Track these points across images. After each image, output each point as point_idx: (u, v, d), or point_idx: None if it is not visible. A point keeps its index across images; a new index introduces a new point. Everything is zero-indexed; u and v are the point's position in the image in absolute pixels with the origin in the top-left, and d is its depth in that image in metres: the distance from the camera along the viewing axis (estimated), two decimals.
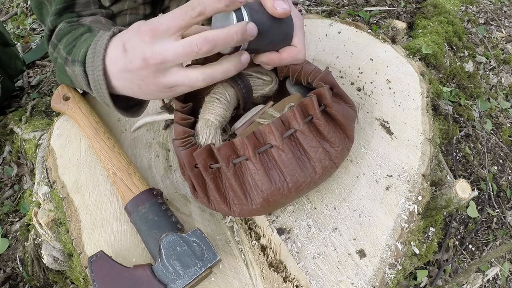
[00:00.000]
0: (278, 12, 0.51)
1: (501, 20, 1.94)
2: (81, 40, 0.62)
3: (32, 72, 1.66)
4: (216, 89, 0.63)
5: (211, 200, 0.56)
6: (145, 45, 0.48)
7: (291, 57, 0.57)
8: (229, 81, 0.64)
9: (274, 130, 0.52)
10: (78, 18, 0.69)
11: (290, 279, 0.56)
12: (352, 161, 0.65)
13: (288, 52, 0.57)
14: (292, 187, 0.53)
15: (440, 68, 1.52)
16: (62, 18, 0.68)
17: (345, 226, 0.59)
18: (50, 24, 0.68)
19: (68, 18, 0.68)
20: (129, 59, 0.50)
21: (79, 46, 0.60)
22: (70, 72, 0.63)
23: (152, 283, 0.51)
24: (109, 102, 0.56)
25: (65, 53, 0.64)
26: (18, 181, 1.28)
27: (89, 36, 0.62)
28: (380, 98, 0.74)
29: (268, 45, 0.55)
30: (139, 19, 1.08)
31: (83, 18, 0.69)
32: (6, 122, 1.38)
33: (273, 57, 0.57)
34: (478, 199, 1.27)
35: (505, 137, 1.45)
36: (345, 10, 1.88)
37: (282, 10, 0.51)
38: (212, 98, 0.62)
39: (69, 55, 0.63)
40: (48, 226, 0.68)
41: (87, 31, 0.64)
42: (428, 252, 0.87)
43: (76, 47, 0.61)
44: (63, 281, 1.00)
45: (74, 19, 0.69)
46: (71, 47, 0.63)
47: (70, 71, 0.63)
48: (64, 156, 0.71)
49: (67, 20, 0.68)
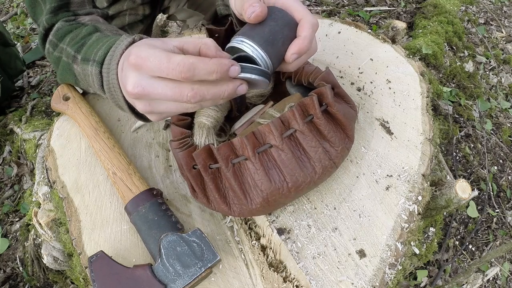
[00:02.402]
0: (251, 19, 0.50)
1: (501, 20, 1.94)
2: (91, 38, 0.62)
3: (32, 72, 1.66)
4: None
5: (210, 200, 0.56)
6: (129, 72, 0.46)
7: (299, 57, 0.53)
8: None
9: (273, 129, 0.52)
10: (74, 17, 0.69)
11: (290, 279, 0.56)
12: (352, 161, 0.65)
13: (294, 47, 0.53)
14: (291, 187, 0.53)
15: (440, 68, 1.52)
16: (58, 17, 0.68)
17: (345, 226, 0.59)
18: (46, 22, 0.68)
19: (65, 17, 0.68)
20: (121, 78, 0.49)
21: (93, 45, 0.60)
22: (79, 70, 0.63)
23: (152, 283, 0.51)
24: (123, 105, 0.56)
25: (73, 51, 0.63)
26: (18, 181, 1.28)
27: (102, 37, 0.61)
28: (380, 98, 0.74)
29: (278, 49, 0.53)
30: (138, 20, 1.08)
31: (80, 17, 0.69)
32: (6, 122, 1.38)
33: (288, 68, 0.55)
34: (478, 199, 1.27)
35: (505, 137, 1.45)
36: (345, 10, 1.88)
37: (253, 15, 0.50)
38: None
39: (78, 53, 0.62)
40: (48, 226, 0.68)
41: (94, 30, 0.64)
42: (428, 252, 0.87)
43: (88, 46, 0.61)
44: (63, 281, 1.00)
45: (71, 18, 0.68)
46: (79, 45, 0.63)
47: (78, 69, 0.63)
48: (64, 156, 0.71)
49: (64, 19, 0.68)
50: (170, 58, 0.42)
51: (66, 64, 0.65)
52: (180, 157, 0.55)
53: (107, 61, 0.55)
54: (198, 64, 0.42)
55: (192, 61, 0.42)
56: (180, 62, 0.42)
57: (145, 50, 0.44)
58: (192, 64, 0.42)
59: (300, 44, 0.51)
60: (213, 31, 0.70)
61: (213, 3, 1.13)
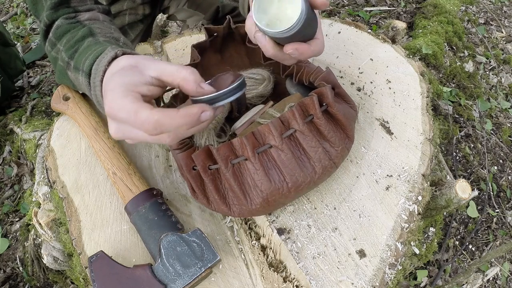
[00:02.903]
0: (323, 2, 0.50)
1: (501, 20, 1.94)
2: (83, 45, 0.62)
3: (32, 72, 1.66)
4: None
5: (210, 201, 0.56)
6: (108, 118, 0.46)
7: (318, 48, 0.55)
8: None
9: (273, 130, 0.52)
10: (75, 14, 0.68)
11: (290, 279, 0.56)
12: (352, 161, 0.65)
13: (315, 44, 0.54)
14: (291, 187, 0.53)
15: (440, 68, 1.52)
16: (59, 13, 0.67)
17: (345, 226, 0.59)
18: (46, 19, 0.68)
19: (65, 14, 0.68)
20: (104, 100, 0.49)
21: (83, 53, 0.60)
22: (73, 77, 0.63)
23: (152, 283, 0.51)
24: None
25: (67, 57, 0.63)
26: (18, 181, 1.28)
27: (92, 43, 0.61)
28: (380, 98, 0.74)
29: (302, 36, 0.53)
30: (138, 20, 1.08)
31: (81, 15, 0.69)
32: (6, 122, 1.38)
33: (304, 49, 0.54)
34: (478, 199, 1.27)
35: (505, 137, 1.45)
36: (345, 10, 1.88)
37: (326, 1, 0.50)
38: None
39: (71, 59, 0.62)
40: (48, 226, 0.68)
41: (88, 34, 0.64)
42: (428, 252, 0.87)
43: (79, 53, 0.61)
44: (63, 281, 1.00)
45: (72, 15, 0.68)
46: (73, 51, 0.62)
47: (72, 76, 0.63)
48: (64, 156, 0.71)
49: (64, 16, 0.67)
50: (137, 114, 0.42)
51: (62, 69, 0.65)
52: (180, 158, 0.55)
53: (92, 74, 0.55)
54: (164, 121, 0.41)
55: (157, 118, 0.41)
56: (145, 121, 0.41)
57: (116, 100, 0.43)
58: (157, 121, 0.41)
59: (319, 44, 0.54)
60: (212, 30, 0.70)
61: (213, 3, 1.14)
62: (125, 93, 0.43)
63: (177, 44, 0.88)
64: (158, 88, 0.47)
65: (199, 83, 0.45)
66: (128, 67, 0.47)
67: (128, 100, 0.43)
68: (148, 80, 0.46)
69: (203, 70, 0.73)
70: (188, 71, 0.45)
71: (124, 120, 0.43)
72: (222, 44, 0.74)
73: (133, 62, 0.48)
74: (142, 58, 0.49)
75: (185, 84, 0.44)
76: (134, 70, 0.46)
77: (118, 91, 0.44)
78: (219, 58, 0.76)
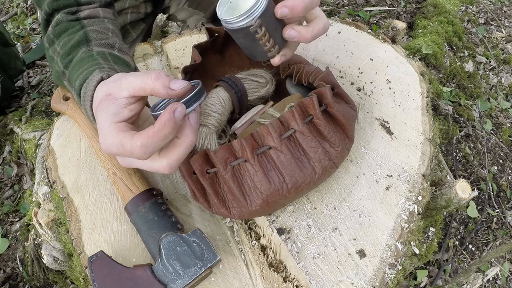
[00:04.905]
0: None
1: (501, 20, 1.94)
2: (77, 55, 0.62)
3: (32, 72, 1.66)
4: (210, 94, 0.63)
5: (211, 204, 0.56)
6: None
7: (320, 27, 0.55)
8: (223, 86, 0.64)
9: (272, 131, 0.52)
10: (76, 8, 0.68)
11: (290, 279, 0.56)
12: (352, 161, 0.65)
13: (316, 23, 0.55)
14: (291, 188, 0.53)
15: (440, 68, 1.52)
16: (60, 2, 0.67)
17: (345, 226, 0.59)
18: (47, 7, 0.67)
19: (66, 5, 0.67)
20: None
21: (75, 67, 0.60)
22: (68, 87, 0.64)
23: (152, 283, 0.51)
24: None
25: (62, 66, 0.63)
26: (18, 181, 1.28)
27: (85, 57, 0.61)
28: (380, 98, 0.74)
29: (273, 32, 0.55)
30: (140, 18, 1.08)
31: (81, 11, 0.68)
32: (6, 122, 1.38)
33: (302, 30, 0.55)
34: (478, 199, 1.27)
35: (505, 137, 1.45)
36: (345, 10, 1.88)
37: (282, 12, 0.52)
38: (207, 104, 0.62)
39: (66, 69, 0.62)
40: (48, 226, 0.68)
41: (83, 41, 0.63)
42: (428, 252, 0.87)
43: (72, 66, 0.61)
44: (63, 281, 1.00)
45: (73, 9, 0.67)
46: (68, 60, 0.62)
47: (67, 86, 0.64)
48: (64, 156, 0.71)
49: (65, 10, 0.67)
50: (124, 147, 0.43)
51: (59, 74, 0.65)
52: (180, 163, 0.55)
53: (82, 97, 0.56)
54: (147, 142, 0.42)
55: (140, 144, 0.42)
56: (132, 150, 0.43)
57: (105, 138, 0.45)
58: (142, 146, 0.42)
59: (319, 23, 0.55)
60: (213, 30, 0.70)
61: (213, 2, 1.13)
62: (110, 128, 0.45)
63: (177, 44, 0.89)
64: (139, 103, 0.47)
65: (168, 86, 0.44)
66: (104, 98, 0.47)
67: (113, 135, 0.44)
68: (124, 103, 0.46)
69: (204, 70, 0.73)
70: (153, 79, 0.44)
71: (119, 155, 0.45)
72: (223, 44, 0.74)
73: (106, 91, 0.48)
74: (112, 81, 0.48)
75: (156, 93, 0.44)
76: (109, 99, 0.47)
77: (104, 128, 0.45)
78: (219, 58, 0.76)
